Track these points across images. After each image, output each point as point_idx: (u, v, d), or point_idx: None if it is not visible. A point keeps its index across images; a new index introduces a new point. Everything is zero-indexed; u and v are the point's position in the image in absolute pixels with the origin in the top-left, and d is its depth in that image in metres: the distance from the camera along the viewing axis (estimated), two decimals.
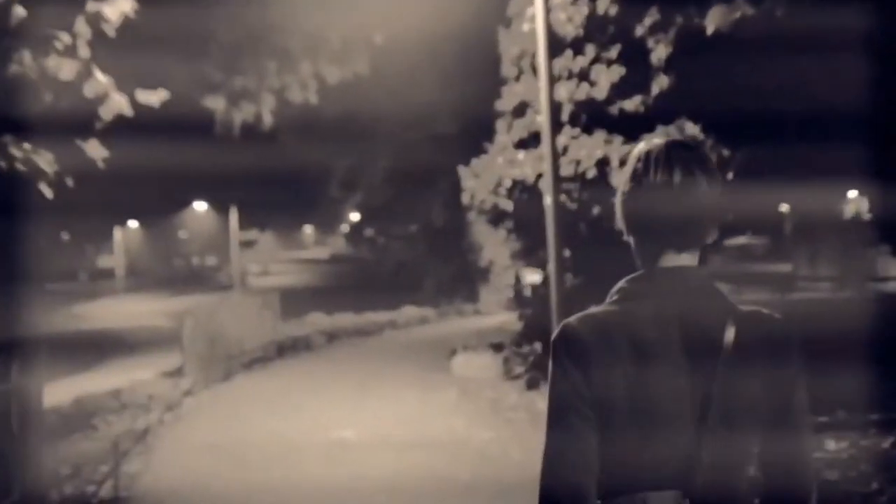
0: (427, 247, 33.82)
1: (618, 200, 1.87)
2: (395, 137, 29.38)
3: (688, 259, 1.82)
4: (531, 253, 13.49)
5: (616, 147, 10.86)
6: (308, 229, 78.50)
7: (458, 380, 14.46)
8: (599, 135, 11.20)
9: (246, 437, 10.55)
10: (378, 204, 35.21)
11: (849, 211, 40.30)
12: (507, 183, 12.21)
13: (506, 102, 12.84)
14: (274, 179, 38.22)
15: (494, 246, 34.28)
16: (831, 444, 8.92)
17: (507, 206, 12.46)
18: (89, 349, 20.97)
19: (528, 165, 11.89)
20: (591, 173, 11.05)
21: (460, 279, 32.90)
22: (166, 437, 10.72)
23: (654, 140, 1.87)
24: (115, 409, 12.28)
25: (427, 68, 20.26)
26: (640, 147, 1.87)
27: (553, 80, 9.53)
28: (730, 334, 1.74)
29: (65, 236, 60.59)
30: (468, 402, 12.30)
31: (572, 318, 1.80)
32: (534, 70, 12.19)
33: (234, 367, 16.39)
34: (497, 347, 15.35)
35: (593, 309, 1.81)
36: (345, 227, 59.01)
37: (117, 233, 58.95)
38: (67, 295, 44.36)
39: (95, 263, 62.73)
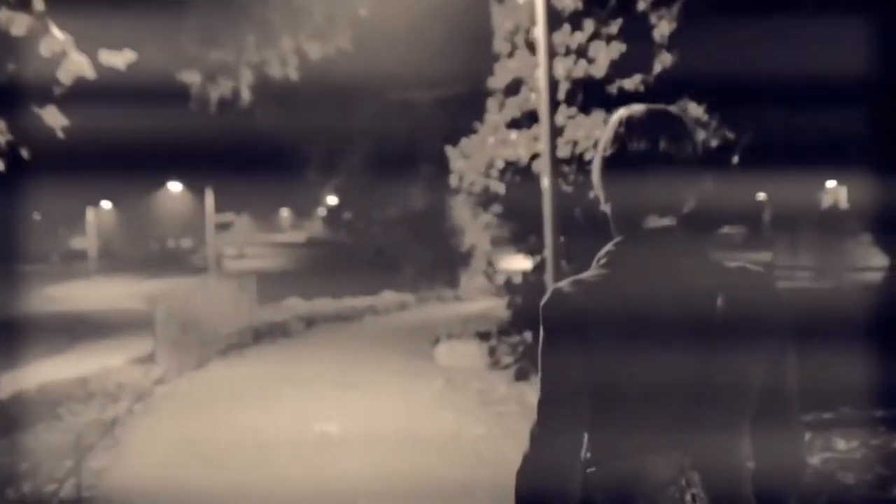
0: (407, 231, 33.18)
1: (596, 166, 1.88)
2: (378, 118, 28.68)
3: (669, 223, 1.82)
4: (521, 238, 12.92)
5: None
6: (285, 213, 78.09)
7: (443, 369, 13.92)
8: (598, 115, 10.62)
9: (221, 430, 9.94)
10: (357, 187, 34.50)
11: (826, 200, 40.38)
12: (500, 164, 11.60)
13: (498, 80, 12.20)
14: (251, 160, 37.52)
15: (476, 231, 33.83)
16: (841, 444, 8.48)
17: (499, 188, 11.86)
18: (59, 332, 20.27)
19: (522, 146, 11.30)
20: (590, 155, 10.44)
21: (441, 264, 32.34)
22: (135, 430, 10.09)
23: (634, 106, 1.86)
24: (82, 398, 11.61)
25: (414, 45, 19.48)
26: (622, 112, 1.86)
27: (553, 55, 8.94)
28: (721, 296, 1.73)
29: (37, 217, 59.88)
30: (455, 394, 11.75)
31: (562, 283, 1.78)
32: (528, 46, 11.61)
33: (208, 353, 15.74)
34: (483, 336, 14.80)
35: (583, 275, 1.79)
36: (322, 211, 58.74)
37: (90, 213, 58.04)
38: (39, 276, 43.88)
39: (68, 245, 62.01)
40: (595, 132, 10.35)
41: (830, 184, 37.30)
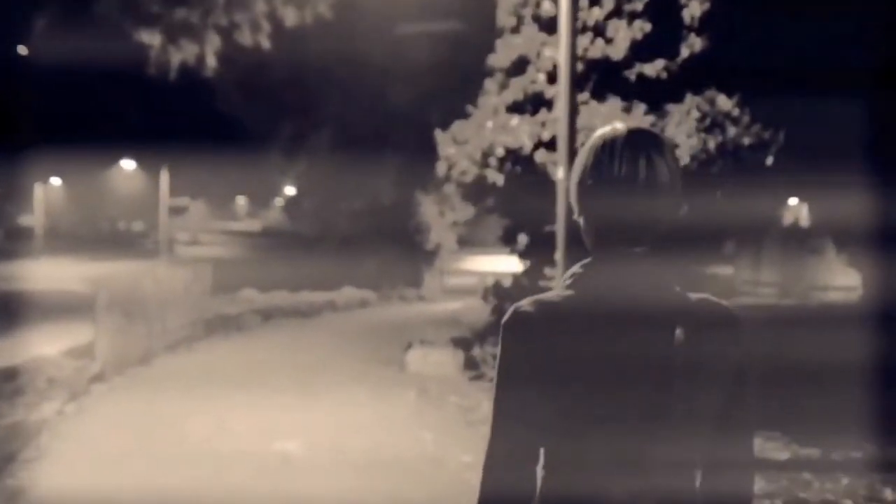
0: (371, 225, 31.71)
1: (572, 188, 1.86)
2: (348, 100, 27.22)
3: (640, 249, 1.79)
4: (513, 236, 11.60)
5: (638, 116, 9.03)
6: (241, 200, 76.61)
7: (415, 378, 12.60)
8: (614, 101, 9.36)
9: (165, 442, 8.54)
10: (321, 175, 32.90)
11: (788, 218, 40.10)
12: (500, 152, 10.27)
13: (500, 58, 10.83)
14: (209, 141, 35.85)
15: (442, 229, 32.56)
16: (887, 493, 7.40)
17: (497, 178, 10.53)
18: None
19: (525, 132, 9.99)
20: None
21: (404, 262, 30.96)
22: (65, 437, 8.66)
23: (614, 127, 1.84)
24: (6, 395, 10.14)
25: (400, 17, 17.99)
26: (599, 134, 1.84)
27: (576, 32, 7.66)
28: (680, 328, 1.71)
29: None
30: (432, 409, 10.45)
31: (524, 302, 1.78)
32: (536, 20, 10.30)
33: (154, 347, 14.26)
34: (459, 342, 13.49)
35: (546, 294, 1.79)
36: (280, 201, 57.98)
37: (38, 189, 56.09)
38: None
39: (15, 222, 60.15)
40: (614, 120, 9.07)
41: (792, 201, 37.39)
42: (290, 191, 49.61)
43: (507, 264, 14.01)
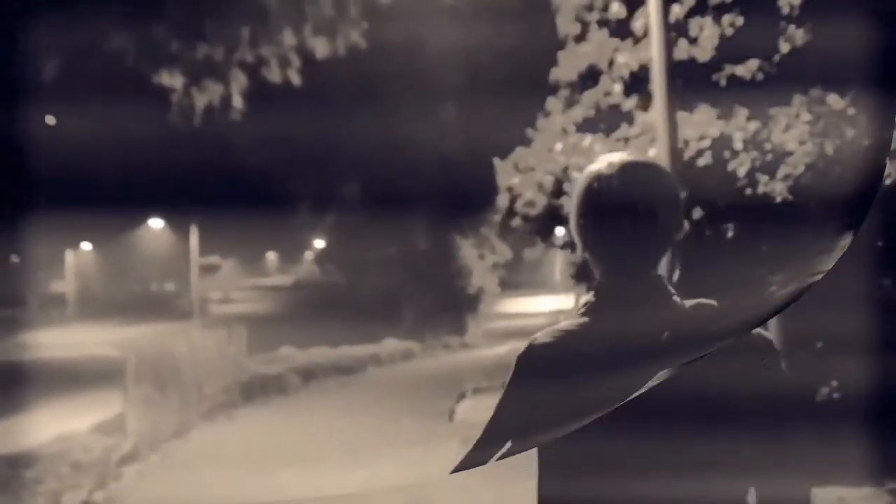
0: (408, 272, 30.44)
1: (572, 225, 1.88)
2: (379, 144, 26.14)
3: (643, 273, 1.81)
4: (587, 272, 10.25)
5: (740, 123, 7.73)
6: (271, 256, 76.20)
7: (473, 428, 11.23)
8: (705, 109, 8.07)
9: None
10: (352, 225, 31.80)
11: None
12: (575, 176, 8.96)
13: (564, 70, 9.55)
14: (236, 197, 35.02)
15: (482, 272, 31.26)
16: None
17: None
18: (25, 384, 17.22)
19: (601, 153, 8.68)
20: (705, 159, 7.86)
21: (445, 308, 29.63)
22: None
23: (608, 162, 1.83)
24: (26, 482, 8.94)
25: (444, 38, 16.72)
26: (595, 168, 1.85)
27: (668, 29, 6.43)
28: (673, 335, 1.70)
29: (15, 260, 58.38)
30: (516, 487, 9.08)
31: (540, 334, 1.82)
32: (604, 24, 9.03)
33: (190, 418, 13.00)
34: None
35: (562, 324, 1.82)
36: (309, 255, 58.13)
37: (69, 255, 55.89)
38: (12, 322, 39.88)
39: (48, 288, 60.12)
40: (710, 129, 7.76)
41: None
42: (319, 244, 49.17)
43: (551, 304, 12.90)
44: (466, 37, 16.12)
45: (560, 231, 9.43)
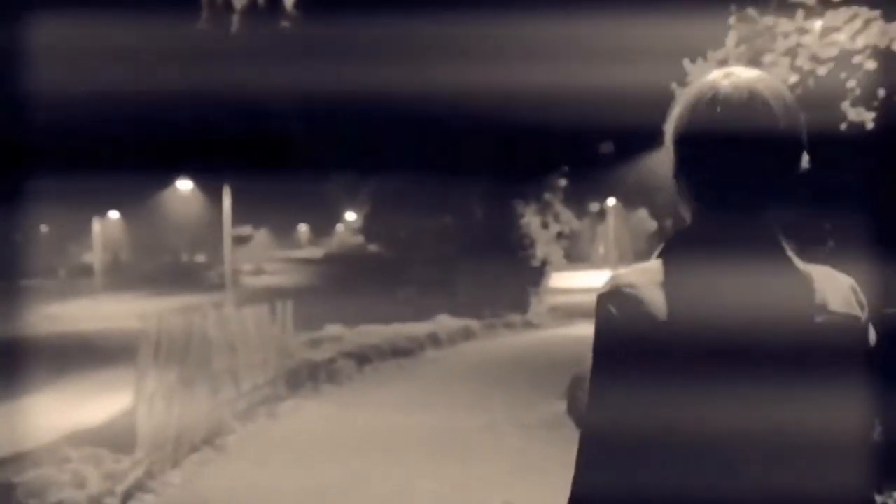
0: (464, 243, 27.40)
1: (669, 141, 1.53)
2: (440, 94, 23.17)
3: (751, 211, 1.46)
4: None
5: None
6: (303, 228, 74.24)
7: None
8: None
9: None
10: (396, 193, 28.73)
11: None
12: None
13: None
14: (267, 165, 32.49)
15: (546, 243, 28.28)
16: None
17: None
18: (48, 358, 16.06)
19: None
20: None
21: (504, 282, 26.68)
22: None
23: (726, 72, 1.50)
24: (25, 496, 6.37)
25: None
26: (705, 81, 1.49)
27: None
28: (810, 315, 1.40)
29: (44, 229, 57.23)
30: None
31: (622, 271, 1.50)
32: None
33: (224, 417, 10.19)
34: None
35: (645, 263, 1.50)
36: (340, 227, 55.79)
37: (96, 224, 53.85)
38: (42, 293, 39.95)
39: (78, 259, 59.05)
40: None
41: None
42: (350, 216, 47.00)
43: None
44: None
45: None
